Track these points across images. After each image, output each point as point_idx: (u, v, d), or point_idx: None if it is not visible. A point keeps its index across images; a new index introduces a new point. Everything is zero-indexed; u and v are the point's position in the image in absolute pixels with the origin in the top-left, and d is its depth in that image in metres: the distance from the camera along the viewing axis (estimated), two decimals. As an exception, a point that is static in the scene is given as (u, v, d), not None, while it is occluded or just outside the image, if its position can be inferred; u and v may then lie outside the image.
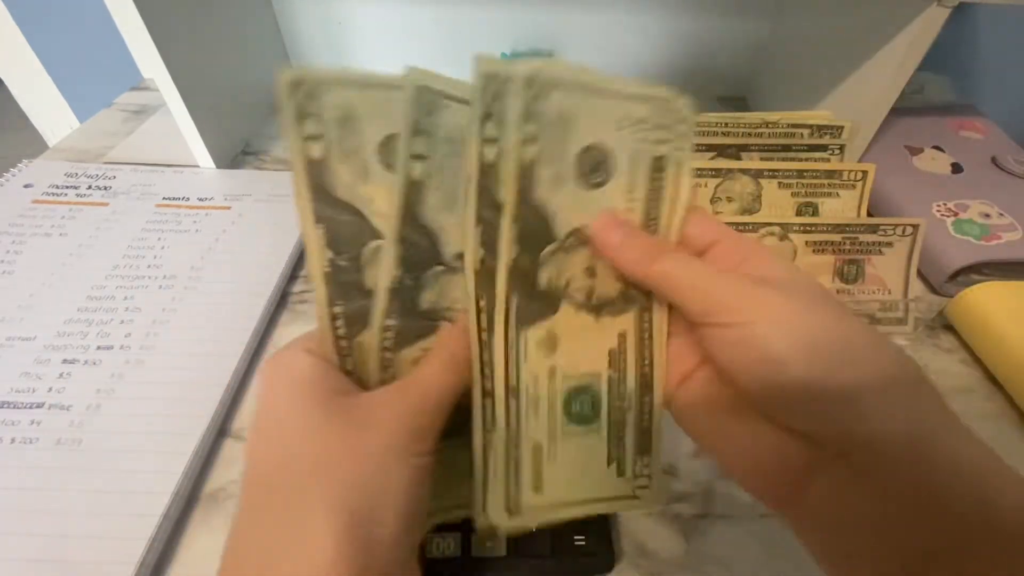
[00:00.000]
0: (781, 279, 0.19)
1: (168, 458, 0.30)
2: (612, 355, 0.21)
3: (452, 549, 0.26)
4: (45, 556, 0.26)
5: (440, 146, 0.17)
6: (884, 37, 0.43)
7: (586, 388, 0.21)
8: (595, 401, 0.21)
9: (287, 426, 0.18)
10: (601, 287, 0.20)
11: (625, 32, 0.64)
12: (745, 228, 0.37)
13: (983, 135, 0.53)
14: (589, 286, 0.20)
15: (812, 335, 0.17)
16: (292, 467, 0.18)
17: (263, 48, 0.62)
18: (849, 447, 0.17)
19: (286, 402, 0.19)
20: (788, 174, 0.42)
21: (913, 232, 0.38)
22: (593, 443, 0.21)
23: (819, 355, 0.17)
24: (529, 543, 0.26)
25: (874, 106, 0.45)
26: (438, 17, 0.63)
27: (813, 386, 0.17)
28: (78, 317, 0.37)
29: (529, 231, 0.18)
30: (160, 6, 0.43)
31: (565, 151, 0.18)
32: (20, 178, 0.49)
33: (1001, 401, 0.36)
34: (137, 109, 0.62)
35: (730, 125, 0.45)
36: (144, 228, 0.44)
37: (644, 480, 0.22)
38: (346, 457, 0.17)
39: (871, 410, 0.16)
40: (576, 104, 0.18)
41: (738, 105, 0.68)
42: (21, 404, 0.32)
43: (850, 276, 0.39)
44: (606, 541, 0.28)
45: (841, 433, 0.17)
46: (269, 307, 0.39)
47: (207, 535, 0.29)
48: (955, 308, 0.39)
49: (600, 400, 0.21)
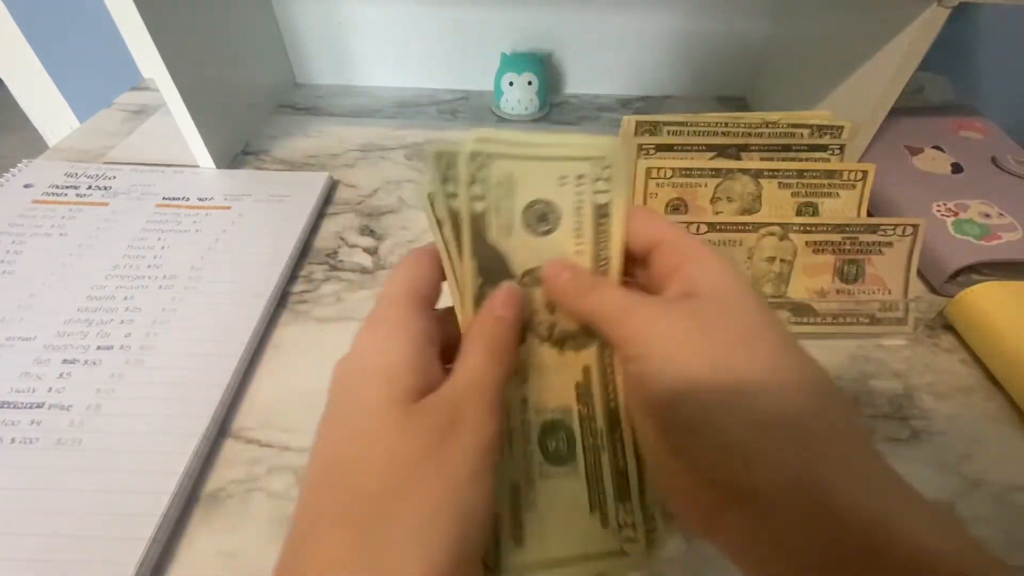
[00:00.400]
0: (705, 292, 0.18)
1: (168, 458, 0.30)
2: (579, 389, 0.21)
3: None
4: (45, 556, 0.26)
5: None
6: (884, 37, 0.43)
7: (559, 423, 0.21)
8: (570, 438, 0.21)
9: (364, 435, 0.17)
10: (562, 321, 0.21)
11: (625, 32, 0.64)
12: (745, 228, 0.37)
13: (983, 135, 0.53)
14: (551, 320, 0.21)
15: (701, 374, 0.17)
16: (372, 488, 0.16)
17: (263, 48, 0.62)
18: (741, 494, 0.16)
19: (361, 407, 0.17)
20: (788, 174, 0.42)
21: (913, 232, 0.38)
22: (573, 487, 0.20)
23: (705, 397, 0.16)
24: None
25: (874, 106, 0.45)
26: (438, 17, 0.63)
27: (699, 433, 0.16)
28: (78, 317, 0.37)
29: (488, 265, 0.20)
30: (160, 6, 0.43)
31: (512, 206, 0.20)
32: (20, 178, 0.49)
33: (1001, 401, 0.36)
34: (137, 109, 0.62)
35: (730, 125, 0.45)
36: (144, 228, 0.44)
37: (630, 531, 0.20)
38: (426, 480, 0.16)
39: (755, 458, 0.16)
40: (517, 168, 0.20)
41: (738, 105, 0.68)
42: (21, 404, 0.32)
43: (850, 276, 0.39)
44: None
45: (730, 481, 0.16)
46: (269, 307, 0.39)
47: (207, 535, 0.29)
48: (955, 308, 0.39)
49: (575, 437, 0.21)
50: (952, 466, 0.32)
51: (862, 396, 0.36)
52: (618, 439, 0.21)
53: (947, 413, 0.35)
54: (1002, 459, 0.32)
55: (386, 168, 0.55)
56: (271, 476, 0.31)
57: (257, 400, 0.35)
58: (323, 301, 0.41)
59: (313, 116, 0.63)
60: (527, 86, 0.61)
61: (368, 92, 0.68)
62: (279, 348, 0.38)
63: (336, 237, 0.47)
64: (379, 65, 0.67)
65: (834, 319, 0.39)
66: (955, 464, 0.32)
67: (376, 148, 0.58)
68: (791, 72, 0.60)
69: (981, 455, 0.33)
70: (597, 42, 0.65)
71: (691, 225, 0.37)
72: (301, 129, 0.60)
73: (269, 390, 0.35)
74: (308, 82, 0.69)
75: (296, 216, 0.47)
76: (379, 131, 0.60)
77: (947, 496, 0.31)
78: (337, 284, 0.43)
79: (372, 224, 0.48)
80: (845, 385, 0.36)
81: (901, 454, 0.33)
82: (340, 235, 0.47)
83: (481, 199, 0.20)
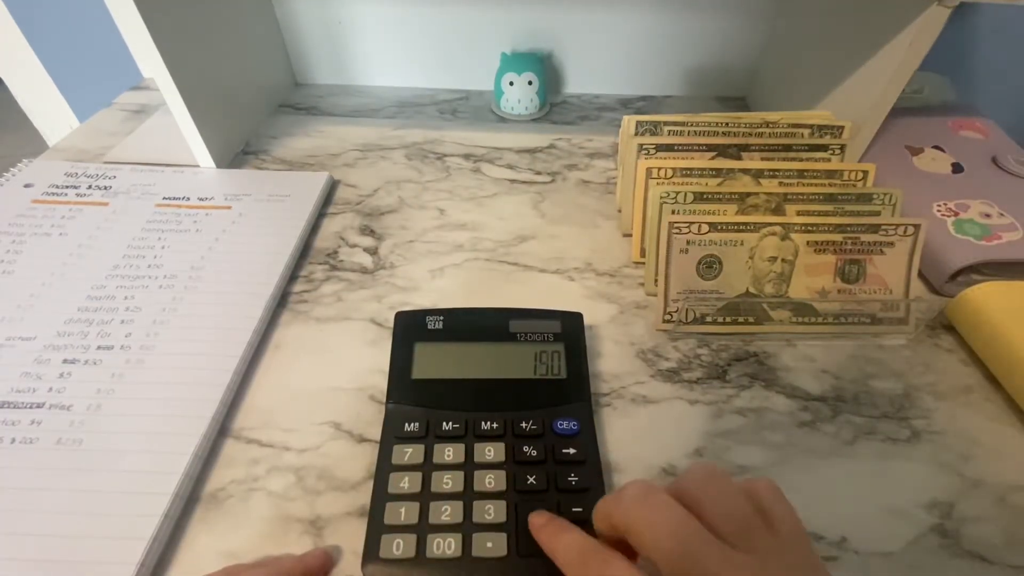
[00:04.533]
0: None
1: (168, 458, 0.30)
2: None
3: (452, 550, 0.26)
4: (45, 556, 0.26)
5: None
6: (884, 37, 0.43)
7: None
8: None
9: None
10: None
11: (625, 32, 0.64)
12: (746, 228, 0.37)
13: (983, 135, 0.53)
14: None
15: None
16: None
17: (263, 48, 0.62)
18: None
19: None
20: (788, 174, 0.42)
21: (914, 232, 0.38)
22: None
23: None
24: (529, 543, 0.26)
25: (874, 106, 0.45)
26: (438, 17, 0.63)
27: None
28: (78, 317, 0.37)
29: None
30: (160, 6, 0.43)
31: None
32: (20, 178, 0.49)
33: (1001, 401, 0.36)
34: (137, 109, 0.62)
35: (730, 125, 0.45)
36: (144, 228, 0.44)
37: None
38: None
39: None
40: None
41: (738, 105, 0.68)
42: (21, 404, 0.32)
43: (851, 276, 0.39)
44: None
45: None
46: (269, 307, 0.39)
47: (207, 535, 0.29)
48: (955, 308, 0.39)
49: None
50: (952, 466, 0.32)
51: (862, 396, 0.36)
52: None
53: (947, 413, 0.35)
54: (1002, 459, 0.32)
55: (386, 168, 0.55)
56: (271, 476, 0.31)
57: (257, 400, 0.35)
58: (323, 301, 0.41)
59: (313, 116, 0.63)
60: (527, 86, 0.61)
61: (368, 92, 0.68)
62: (279, 348, 0.38)
63: (336, 237, 0.47)
64: (379, 65, 0.67)
65: (835, 319, 0.39)
66: (955, 464, 0.32)
67: (376, 148, 0.58)
68: (791, 72, 0.60)
69: (981, 455, 0.33)
70: (597, 42, 0.65)
71: (692, 225, 0.37)
72: (301, 129, 0.60)
73: (269, 390, 0.35)
74: (308, 82, 0.69)
75: (296, 216, 0.47)
76: (379, 131, 0.60)
77: (947, 496, 0.31)
78: (337, 284, 0.43)
79: (372, 224, 0.48)
80: (845, 385, 0.37)
81: (901, 454, 0.33)
82: (340, 235, 0.47)
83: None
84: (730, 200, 0.40)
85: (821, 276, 0.39)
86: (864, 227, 0.38)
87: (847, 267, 0.39)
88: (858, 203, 0.40)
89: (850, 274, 0.39)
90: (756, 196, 0.40)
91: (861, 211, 0.40)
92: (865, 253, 0.39)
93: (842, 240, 0.38)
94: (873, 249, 0.38)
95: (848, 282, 0.39)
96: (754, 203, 0.40)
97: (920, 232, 0.38)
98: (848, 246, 0.38)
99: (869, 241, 0.38)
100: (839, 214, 0.40)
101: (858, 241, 0.38)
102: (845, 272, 0.39)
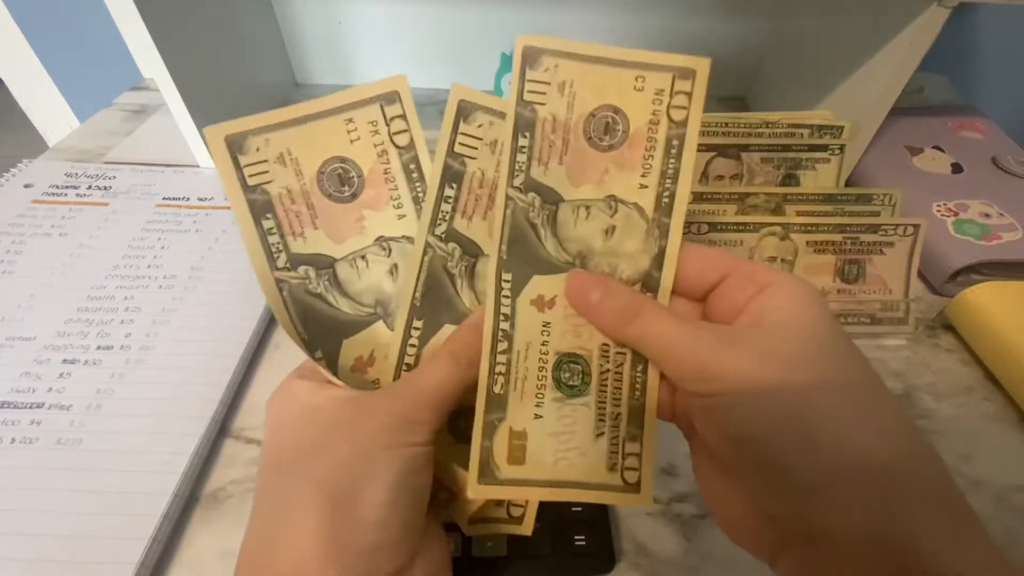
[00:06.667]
0: (781, 324, 0.17)
1: (168, 458, 0.30)
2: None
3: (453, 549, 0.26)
4: (45, 556, 0.26)
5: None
6: (884, 37, 0.43)
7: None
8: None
9: (291, 424, 0.20)
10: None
11: (625, 32, 0.64)
12: (746, 228, 0.37)
13: (983, 135, 0.53)
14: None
15: (777, 413, 0.16)
16: (291, 453, 0.20)
17: (263, 48, 0.62)
18: (808, 534, 0.16)
19: (291, 409, 0.21)
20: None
21: (914, 232, 0.38)
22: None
23: (782, 437, 0.16)
24: (529, 543, 0.26)
25: (874, 106, 0.45)
26: (438, 17, 0.63)
27: (771, 472, 0.16)
28: (78, 317, 0.37)
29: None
30: (160, 6, 0.43)
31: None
32: (20, 178, 0.49)
33: (1001, 401, 0.36)
34: (137, 109, 0.62)
35: (730, 125, 0.45)
36: (144, 228, 0.44)
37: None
38: (337, 441, 0.19)
39: (831, 503, 0.15)
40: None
41: (738, 105, 0.68)
42: (21, 404, 0.32)
43: (851, 276, 0.39)
44: (606, 541, 0.28)
45: (799, 520, 0.16)
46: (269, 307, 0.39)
47: (207, 535, 0.29)
48: (955, 308, 0.39)
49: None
50: (952, 466, 0.32)
51: (862, 396, 0.36)
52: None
53: (947, 413, 0.35)
54: (1002, 459, 0.32)
55: (386, 168, 0.55)
56: (271, 476, 0.31)
57: (257, 400, 0.35)
58: (323, 301, 0.41)
59: (313, 116, 0.63)
60: (527, 86, 0.61)
61: (368, 92, 0.68)
62: (279, 348, 0.38)
63: (336, 237, 0.47)
64: (379, 65, 0.67)
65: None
66: (955, 464, 0.32)
67: (376, 148, 0.58)
68: (791, 72, 0.59)
69: (981, 455, 0.33)
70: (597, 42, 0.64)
71: (692, 225, 0.37)
72: (301, 129, 0.60)
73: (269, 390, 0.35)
74: (308, 82, 0.69)
75: (296, 216, 0.46)
76: (379, 131, 0.60)
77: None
78: (337, 284, 0.43)
79: (372, 224, 0.48)
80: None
81: (901, 454, 0.33)
82: (340, 235, 0.47)
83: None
84: (730, 200, 0.40)
85: (821, 276, 0.39)
86: (864, 227, 0.38)
87: (847, 267, 0.39)
88: (858, 203, 0.40)
89: (850, 274, 0.39)
90: (756, 196, 0.40)
91: (861, 211, 0.40)
92: (865, 253, 0.39)
93: (842, 240, 0.38)
94: (873, 249, 0.38)
95: (848, 282, 0.39)
96: (754, 203, 0.40)
97: (920, 232, 0.38)
98: (848, 246, 0.38)
99: (869, 241, 0.38)
100: (839, 214, 0.40)
101: (858, 241, 0.38)
102: (845, 272, 0.39)
